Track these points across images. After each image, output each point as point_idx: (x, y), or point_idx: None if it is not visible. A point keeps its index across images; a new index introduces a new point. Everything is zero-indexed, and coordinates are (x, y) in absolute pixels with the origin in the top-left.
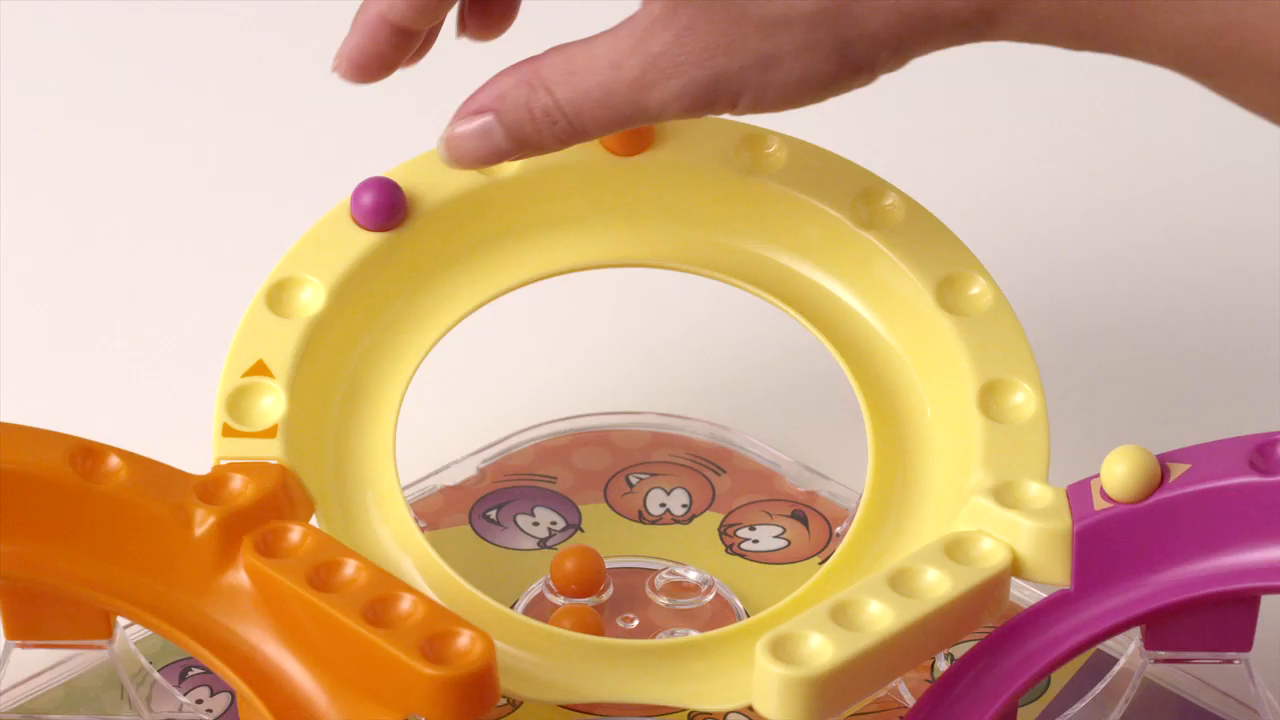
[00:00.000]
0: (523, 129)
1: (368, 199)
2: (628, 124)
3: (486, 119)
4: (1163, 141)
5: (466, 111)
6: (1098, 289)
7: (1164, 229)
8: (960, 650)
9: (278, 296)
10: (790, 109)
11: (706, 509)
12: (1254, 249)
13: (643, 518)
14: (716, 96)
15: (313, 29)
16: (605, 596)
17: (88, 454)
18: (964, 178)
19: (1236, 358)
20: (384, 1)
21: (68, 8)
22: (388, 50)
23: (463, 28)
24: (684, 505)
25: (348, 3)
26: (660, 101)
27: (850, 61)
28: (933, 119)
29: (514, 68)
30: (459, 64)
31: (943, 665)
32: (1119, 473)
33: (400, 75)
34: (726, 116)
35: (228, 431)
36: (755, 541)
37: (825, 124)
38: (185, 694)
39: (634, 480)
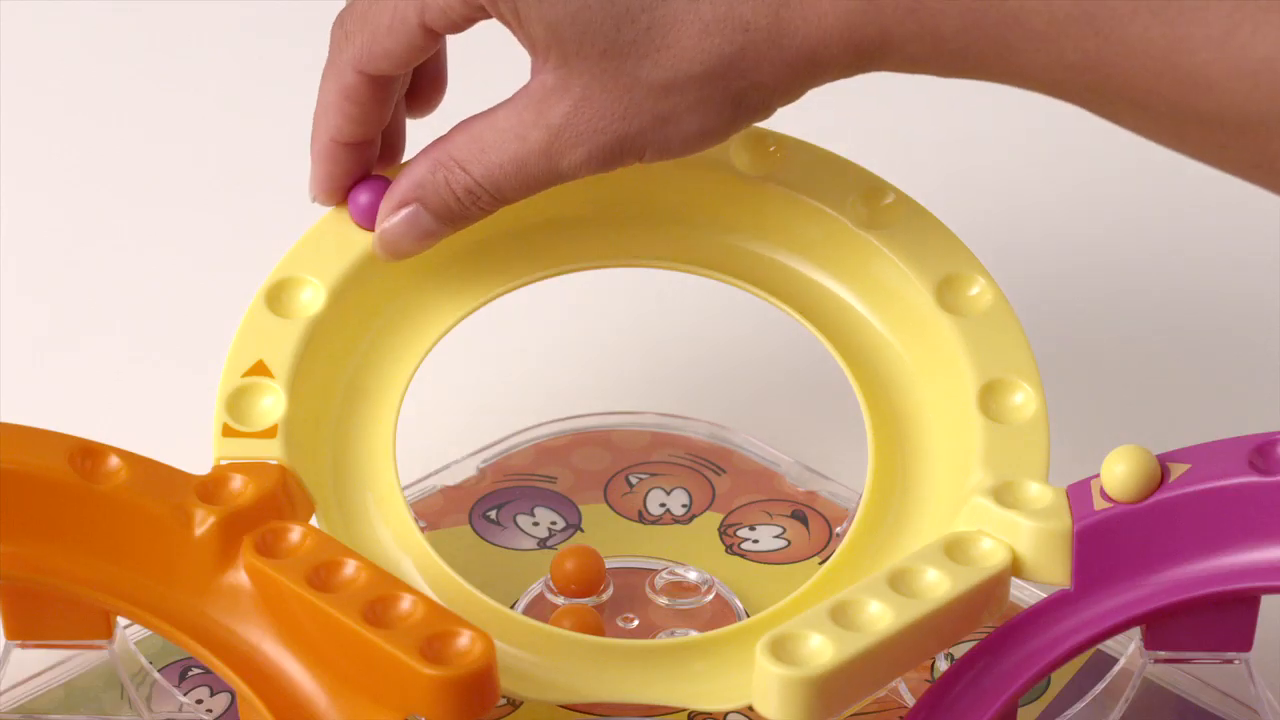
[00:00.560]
0: (448, 209)
1: (365, 198)
2: (545, 186)
3: (411, 209)
4: None
5: (390, 206)
6: (1098, 289)
7: (1164, 229)
8: (960, 650)
9: (278, 296)
10: (696, 153)
11: (706, 509)
12: (1254, 249)
13: (643, 518)
14: (623, 155)
15: (312, 29)
16: (605, 596)
17: (88, 454)
18: (964, 178)
19: (1236, 358)
20: (330, 127)
21: (68, 8)
22: (353, 166)
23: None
24: (684, 505)
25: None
26: (571, 166)
27: (744, 109)
28: (933, 119)
29: (423, 154)
30: (458, 67)
31: (943, 665)
32: (1119, 473)
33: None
34: None
35: (228, 431)
36: (755, 541)
37: (825, 124)
38: (185, 694)
39: (634, 480)
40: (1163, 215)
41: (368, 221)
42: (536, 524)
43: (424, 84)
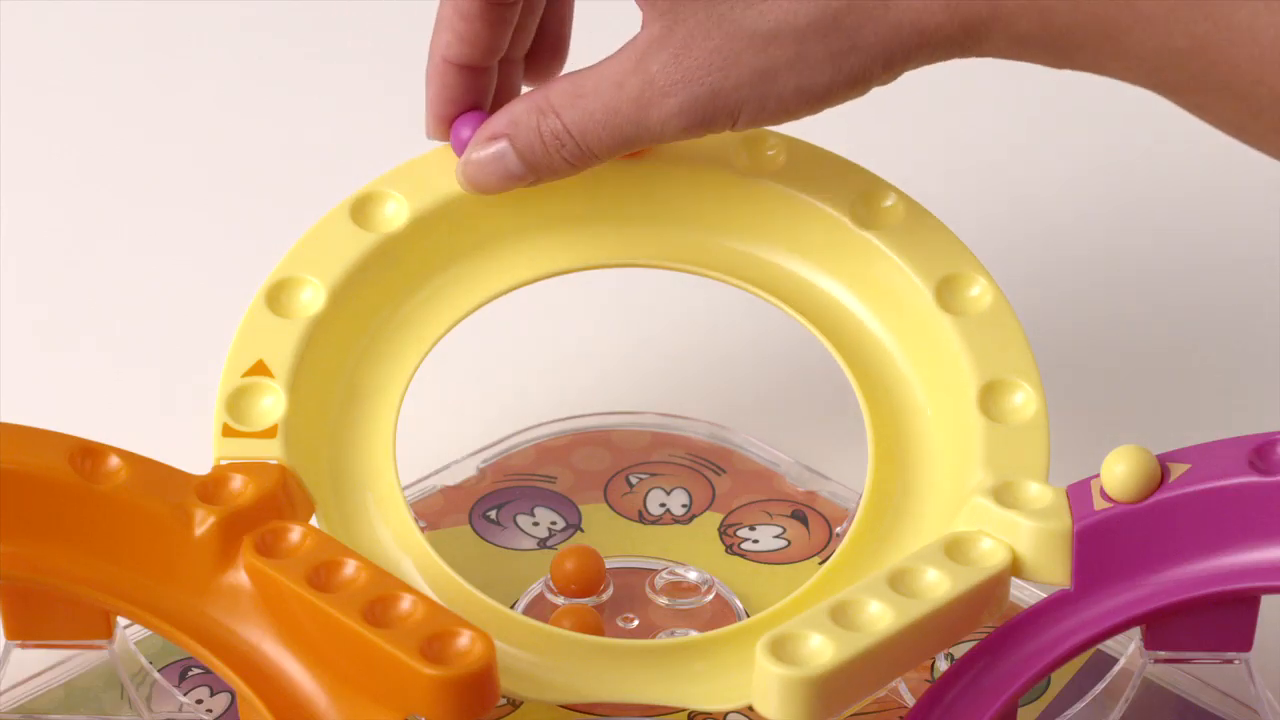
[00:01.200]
0: (534, 153)
1: (467, 132)
2: (632, 144)
3: (501, 145)
4: (1163, 141)
5: (483, 138)
6: (1098, 289)
7: (1164, 229)
8: (960, 650)
9: (278, 296)
10: (788, 121)
11: (706, 509)
12: (1254, 249)
13: (643, 518)
14: (715, 112)
15: (313, 30)
16: (605, 596)
17: (88, 454)
18: (964, 178)
19: (1236, 358)
20: (441, 44)
21: (68, 8)
22: (461, 93)
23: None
24: (684, 505)
25: (346, 3)
26: (660, 119)
27: (843, 72)
28: (933, 119)
29: (525, 96)
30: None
31: (943, 665)
32: (1119, 473)
33: (399, 77)
34: None
35: (228, 431)
36: (755, 541)
37: (825, 124)
38: (185, 694)
39: (634, 480)
40: (1163, 215)
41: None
42: (536, 524)
43: (544, 49)
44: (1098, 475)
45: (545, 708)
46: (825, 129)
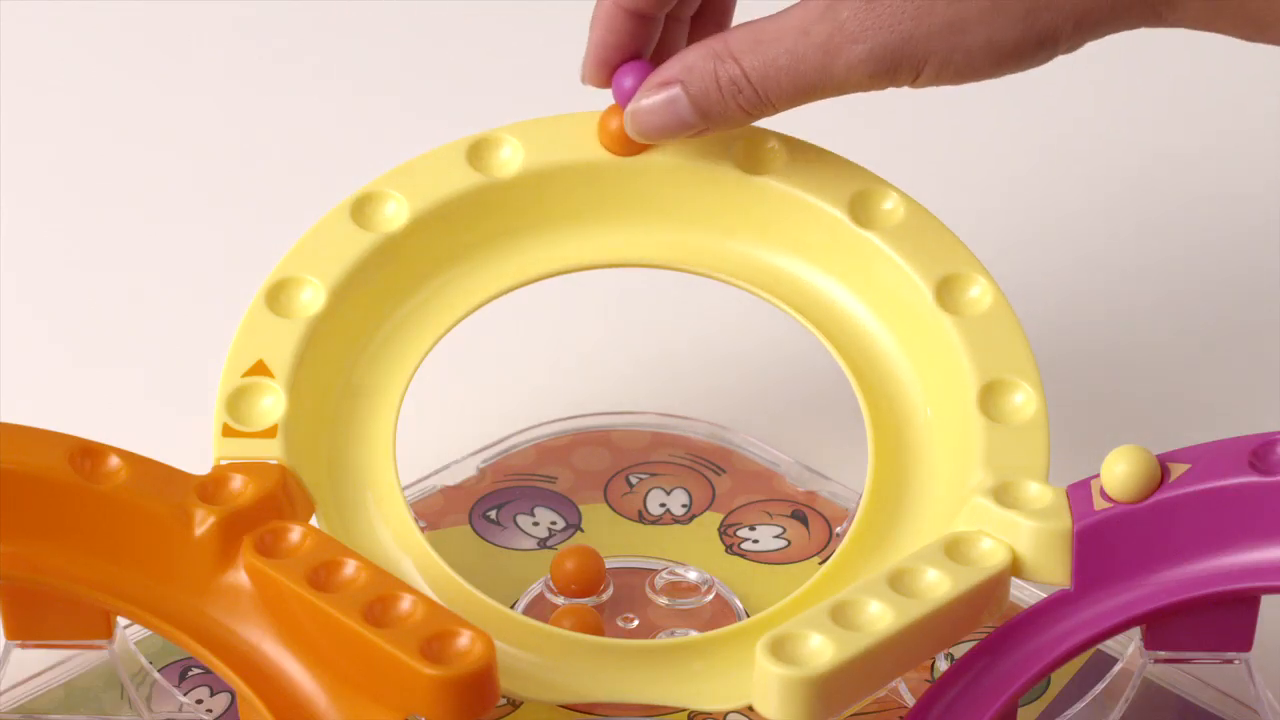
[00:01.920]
0: (709, 99)
1: (630, 81)
2: (813, 93)
3: (673, 90)
4: (1163, 141)
5: (653, 84)
6: (1098, 289)
7: (1164, 229)
8: (960, 650)
9: (278, 296)
10: (971, 81)
11: (706, 509)
12: (1254, 249)
13: (643, 518)
14: (901, 62)
15: (313, 30)
16: (605, 596)
17: (88, 454)
18: (964, 178)
19: (1236, 358)
20: None
21: (67, 9)
22: (627, 40)
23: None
24: (684, 505)
25: (346, 4)
26: (847, 66)
27: (1034, 30)
28: (933, 119)
29: (700, 43)
30: (457, 66)
31: (943, 665)
32: (1119, 473)
33: (398, 77)
34: None
35: (228, 431)
36: (755, 541)
37: (826, 124)
38: (185, 694)
39: (634, 480)
40: (1163, 215)
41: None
42: (536, 524)
43: (710, 11)
44: (1098, 475)
45: (545, 708)
46: (825, 129)
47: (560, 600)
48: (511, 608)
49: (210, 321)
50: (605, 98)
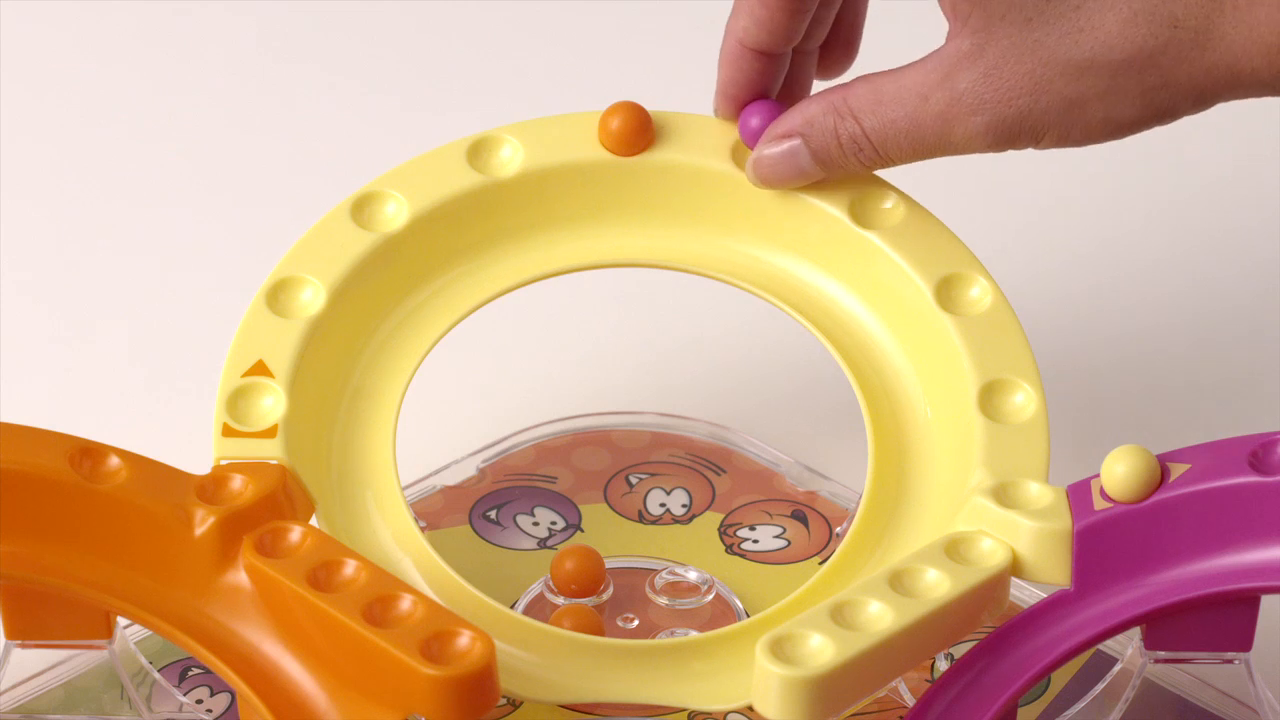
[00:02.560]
0: (829, 153)
1: (756, 121)
2: (931, 154)
3: (794, 143)
4: (1163, 141)
5: (774, 135)
6: (1097, 288)
7: (1164, 229)
8: (960, 650)
9: (278, 296)
10: (1089, 145)
11: (706, 509)
12: (1254, 248)
13: (643, 518)
14: (1019, 134)
15: (313, 31)
16: (605, 596)
17: (88, 454)
18: (964, 178)
19: (1236, 358)
20: (738, 28)
21: (67, 9)
22: (753, 77)
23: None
24: (684, 505)
25: (346, 4)
26: (965, 136)
27: (1153, 108)
28: None
29: (821, 94)
30: (457, 66)
31: (943, 665)
32: (1119, 473)
33: (398, 77)
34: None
35: (228, 431)
36: (755, 541)
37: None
38: (185, 694)
39: (634, 480)
40: (1163, 215)
41: (754, 143)
42: (536, 524)
43: (837, 43)
44: (1098, 475)
45: (545, 708)
46: None
47: (560, 600)
48: (511, 608)
49: (210, 321)
50: (605, 98)
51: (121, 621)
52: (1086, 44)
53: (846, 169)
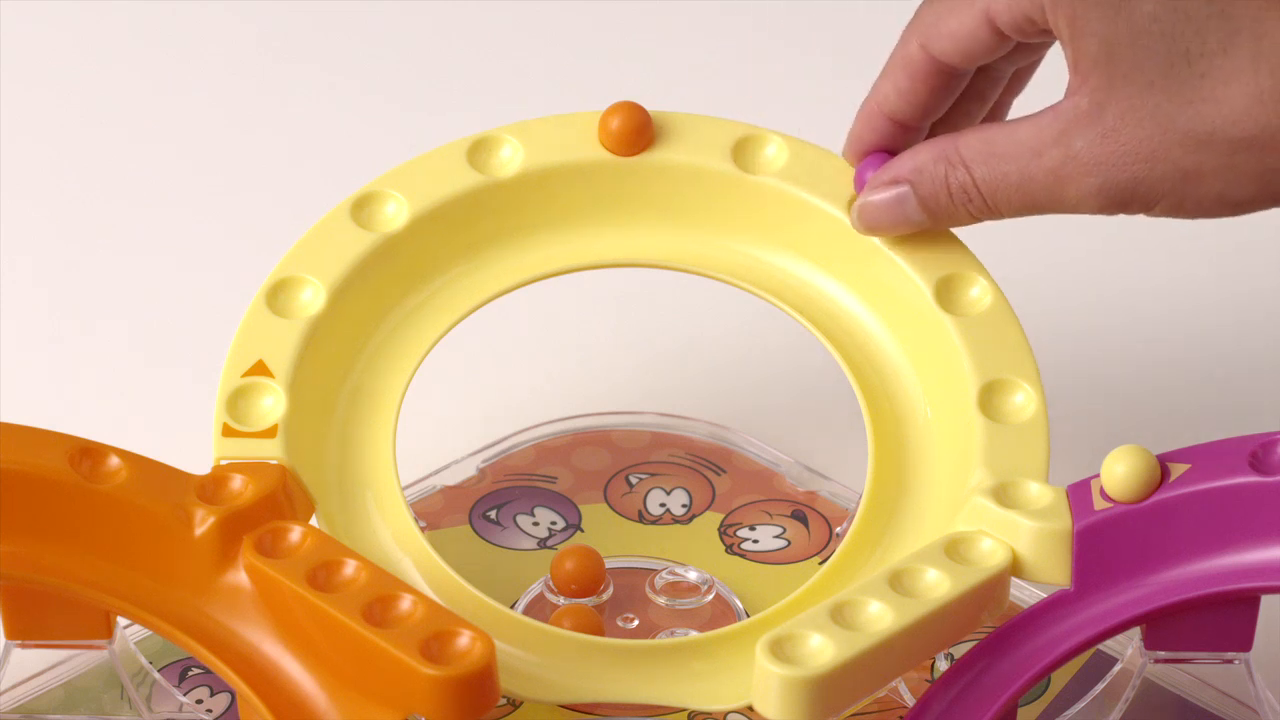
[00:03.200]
0: (937, 202)
1: (870, 173)
2: (1040, 211)
3: (902, 189)
4: None
5: (881, 181)
6: (1098, 289)
7: (1164, 228)
8: (960, 650)
9: (278, 296)
10: (1204, 219)
11: (706, 509)
12: (1254, 248)
13: (643, 518)
14: (1132, 200)
15: (314, 31)
16: (605, 596)
17: (88, 454)
18: None
19: (1236, 358)
20: (878, 94)
21: (67, 9)
22: (883, 140)
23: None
24: (684, 505)
25: (346, 4)
26: (1077, 196)
27: (1270, 190)
28: None
29: (931, 142)
30: (457, 66)
31: (943, 665)
32: (1119, 473)
33: (398, 77)
34: (728, 116)
35: (228, 431)
36: (755, 541)
37: (825, 124)
38: (185, 694)
39: (634, 480)
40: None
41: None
42: (536, 524)
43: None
44: (1098, 475)
45: (545, 708)
46: (825, 129)
47: (560, 600)
48: (511, 608)
49: (210, 321)
50: (605, 98)
51: (121, 621)
52: (1208, 116)
53: (954, 218)
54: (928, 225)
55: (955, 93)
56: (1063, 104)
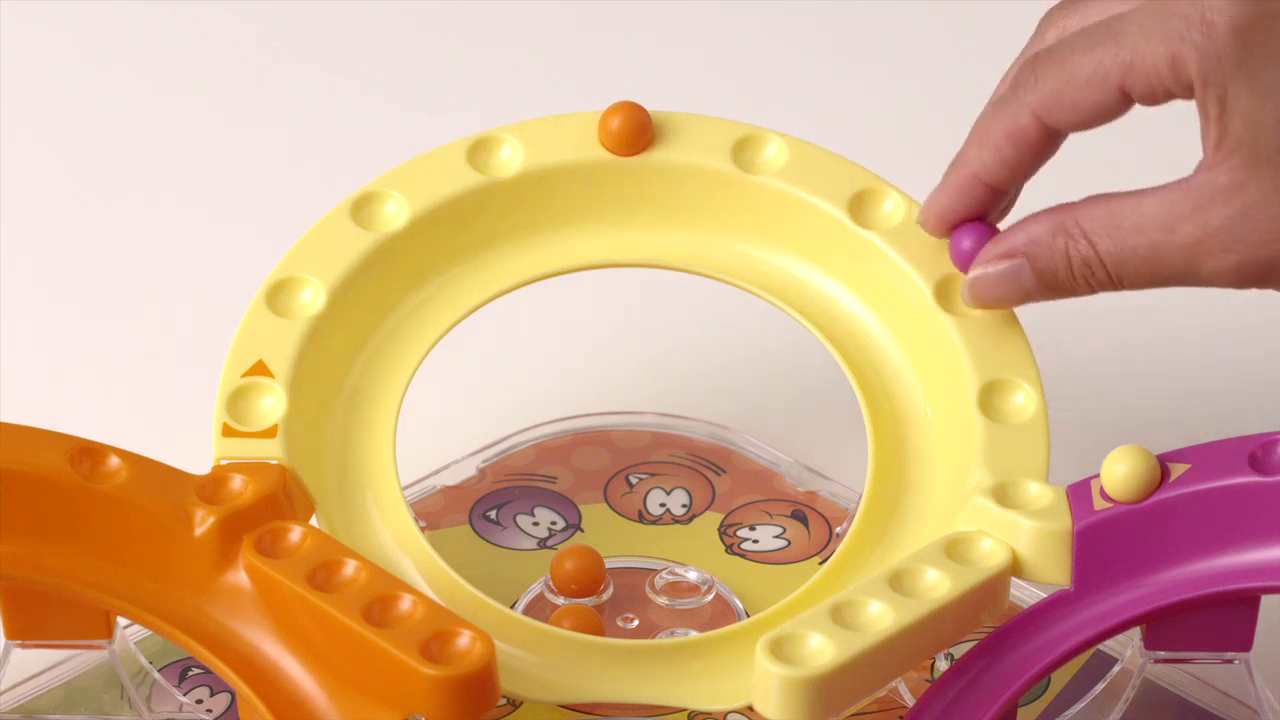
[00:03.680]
0: (1055, 275)
1: (969, 243)
2: (1169, 284)
3: (1016, 262)
4: (1163, 139)
5: (995, 254)
6: None
7: None
8: (960, 650)
9: (278, 296)
10: None
11: (706, 509)
12: None
13: (643, 518)
14: (1270, 276)
15: (314, 29)
16: (605, 596)
17: (88, 454)
18: None
19: (1236, 358)
20: (978, 162)
21: (67, 8)
22: (977, 208)
23: None
24: (684, 505)
25: (346, 4)
26: (1212, 271)
27: None
28: (932, 119)
29: (1046, 214)
30: (457, 66)
31: (943, 665)
32: (1119, 473)
33: (398, 77)
34: (728, 116)
35: (228, 431)
36: (755, 541)
37: (825, 124)
38: (185, 694)
39: (634, 480)
40: None
41: (966, 266)
42: (536, 524)
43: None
44: (1098, 475)
45: (545, 708)
46: (825, 129)
47: (560, 600)
48: (511, 608)
49: (210, 321)
50: (605, 98)
51: (121, 621)
52: None
53: (1072, 291)
54: (1041, 298)
55: (1054, 153)
56: (1196, 179)
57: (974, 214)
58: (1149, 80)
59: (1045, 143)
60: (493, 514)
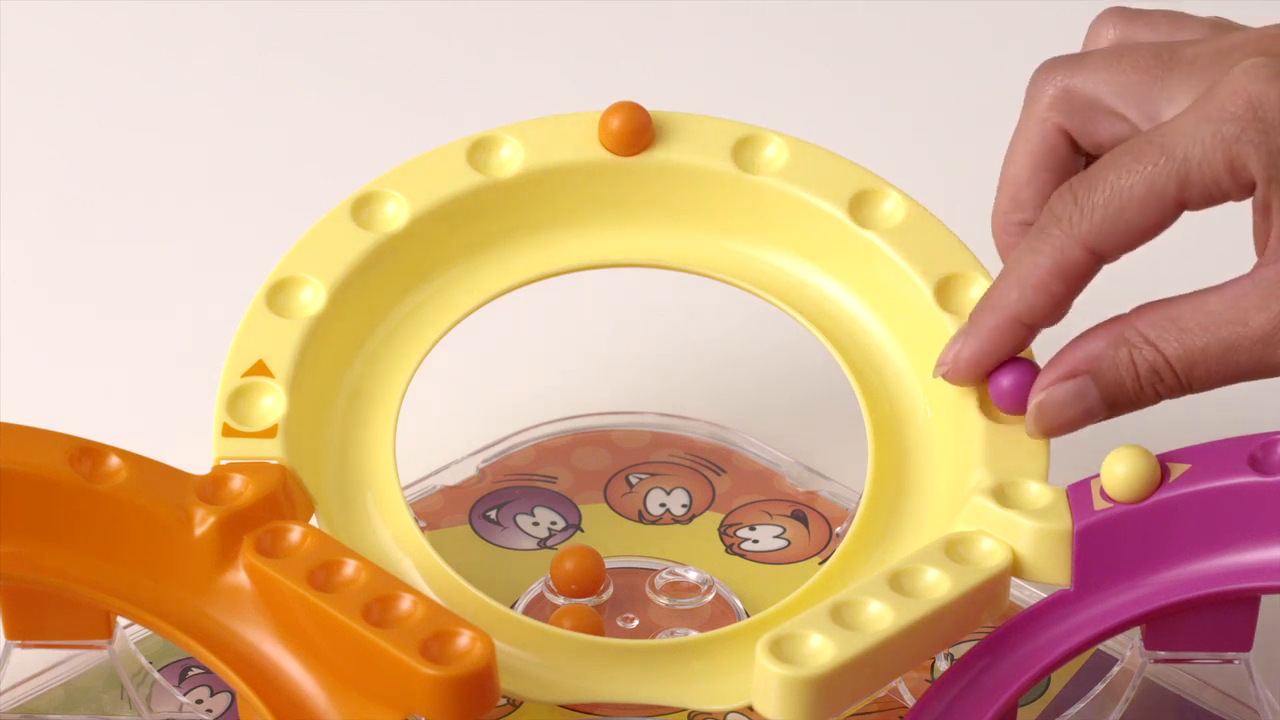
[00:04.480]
0: (1121, 387)
1: (1008, 381)
2: (1242, 379)
3: (1080, 380)
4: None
5: (1056, 377)
6: (1096, 287)
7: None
8: (960, 650)
9: (278, 296)
10: None
11: (706, 509)
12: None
13: (643, 518)
14: None
15: (314, 29)
16: (605, 596)
17: (88, 454)
18: (964, 178)
19: None
20: (1022, 305)
21: (67, 8)
22: (1016, 349)
23: None
24: (684, 505)
25: (346, 4)
26: None
27: None
28: (933, 119)
29: (1099, 329)
30: (457, 66)
31: (943, 665)
32: (1119, 473)
33: (398, 77)
34: (728, 116)
35: (228, 431)
36: (755, 541)
37: (825, 124)
38: (185, 694)
39: (634, 480)
40: None
41: (1008, 404)
42: (536, 524)
43: None
44: (1098, 475)
45: (545, 708)
46: (825, 129)
47: (560, 600)
48: (511, 608)
49: (210, 321)
50: (605, 98)
51: (121, 621)
52: None
53: (1140, 402)
54: (1108, 414)
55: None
56: (1261, 273)
57: (1011, 355)
58: (1207, 188)
59: (1094, 272)
60: (493, 514)
